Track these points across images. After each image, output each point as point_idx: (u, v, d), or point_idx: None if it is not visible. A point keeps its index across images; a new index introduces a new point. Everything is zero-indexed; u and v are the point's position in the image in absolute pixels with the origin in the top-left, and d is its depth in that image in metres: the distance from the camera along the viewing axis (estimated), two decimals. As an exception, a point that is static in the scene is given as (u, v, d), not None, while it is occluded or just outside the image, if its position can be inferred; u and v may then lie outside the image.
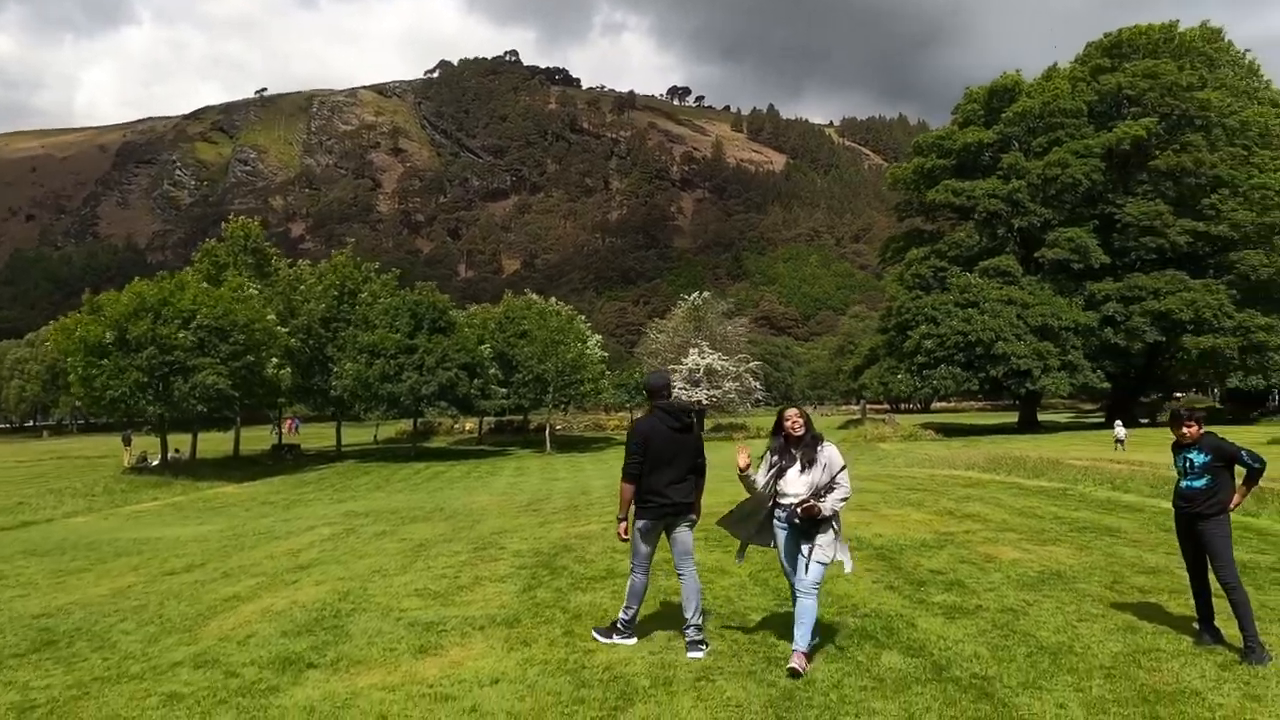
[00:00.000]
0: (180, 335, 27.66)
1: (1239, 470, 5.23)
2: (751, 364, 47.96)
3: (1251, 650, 4.93)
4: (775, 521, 5.57)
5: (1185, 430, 5.33)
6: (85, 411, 46.66)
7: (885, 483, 16.53)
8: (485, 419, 49.31)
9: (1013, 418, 57.56)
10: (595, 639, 5.98)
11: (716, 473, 8.35)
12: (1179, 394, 61.99)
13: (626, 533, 5.83)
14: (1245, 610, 4.98)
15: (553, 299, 44.85)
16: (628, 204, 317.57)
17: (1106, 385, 42.17)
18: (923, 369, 43.55)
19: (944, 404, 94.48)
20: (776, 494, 5.51)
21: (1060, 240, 43.10)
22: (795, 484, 5.41)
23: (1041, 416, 49.95)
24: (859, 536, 10.05)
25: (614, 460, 34.94)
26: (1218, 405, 54.50)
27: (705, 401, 44.99)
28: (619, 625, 6.00)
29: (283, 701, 5.02)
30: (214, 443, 43.61)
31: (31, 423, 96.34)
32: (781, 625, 6.05)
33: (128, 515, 20.57)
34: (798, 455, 5.46)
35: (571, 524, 13.04)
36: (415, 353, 34.90)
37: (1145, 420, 48.92)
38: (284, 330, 33.84)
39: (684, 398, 45.37)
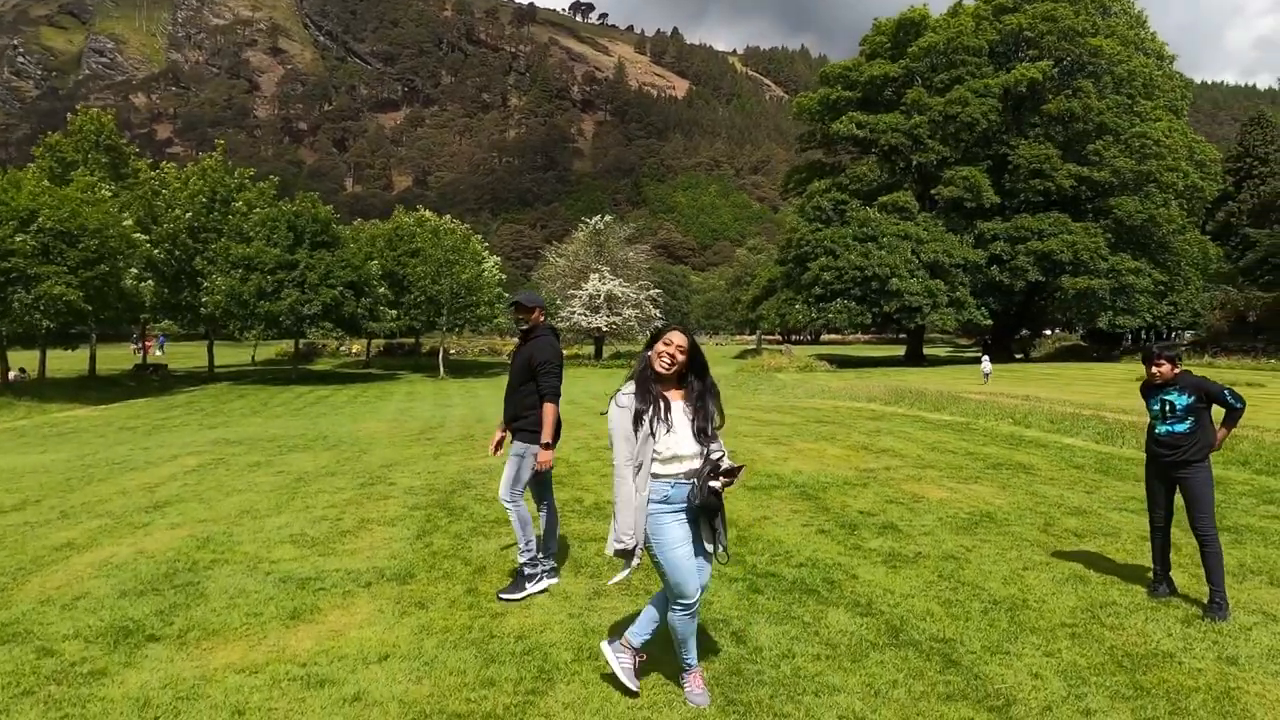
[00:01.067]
0: (18, 240, 24.40)
1: (1216, 411, 4.83)
2: (652, 291, 47.36)
3: (1217, 606, 4.62)
4: (660, 513, 3.69)
5: (1155, 370, 4.86)
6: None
7: (792, 415, 16.29)
8: (373, 341, 47.01)
9: (898, 350, 59.70)
10: (503, 600, 5.20)
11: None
12: (1047, 331, 65.77)
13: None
14: (1218, 563, 4.66)
15: (447, 217, 42.54)
16: (526, 123, 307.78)
17: (989, 322, 43.94)
18: (820, 301, 44.12)
19: (833, 335, 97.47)
20: (654, 466, 3.67)
21: (956, 178, 43.97)
22: (686, 443, 3.69)
23: (924, 350, 51.89)
24: (778, 473, 9.60)
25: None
26: (1081, 343, 58.08)
27: (605, 329, 44.27)
28: (524, 571, 5.37)
29: (108, 691, 3.99)
30: (68, 361, 39.78)
31: None
32: (718, 582, 5.41)
33: (-45, 442, 18.16)
34: (686, 405, 3.76)
35: (469, 456, 12.12)
36: (296, 269, 32.37)
37: (1020, 355, 51.67)
38: (144, 239, 30.54)
39: (583, 324, 44.53)
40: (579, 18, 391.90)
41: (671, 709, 3.73)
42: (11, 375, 31.90)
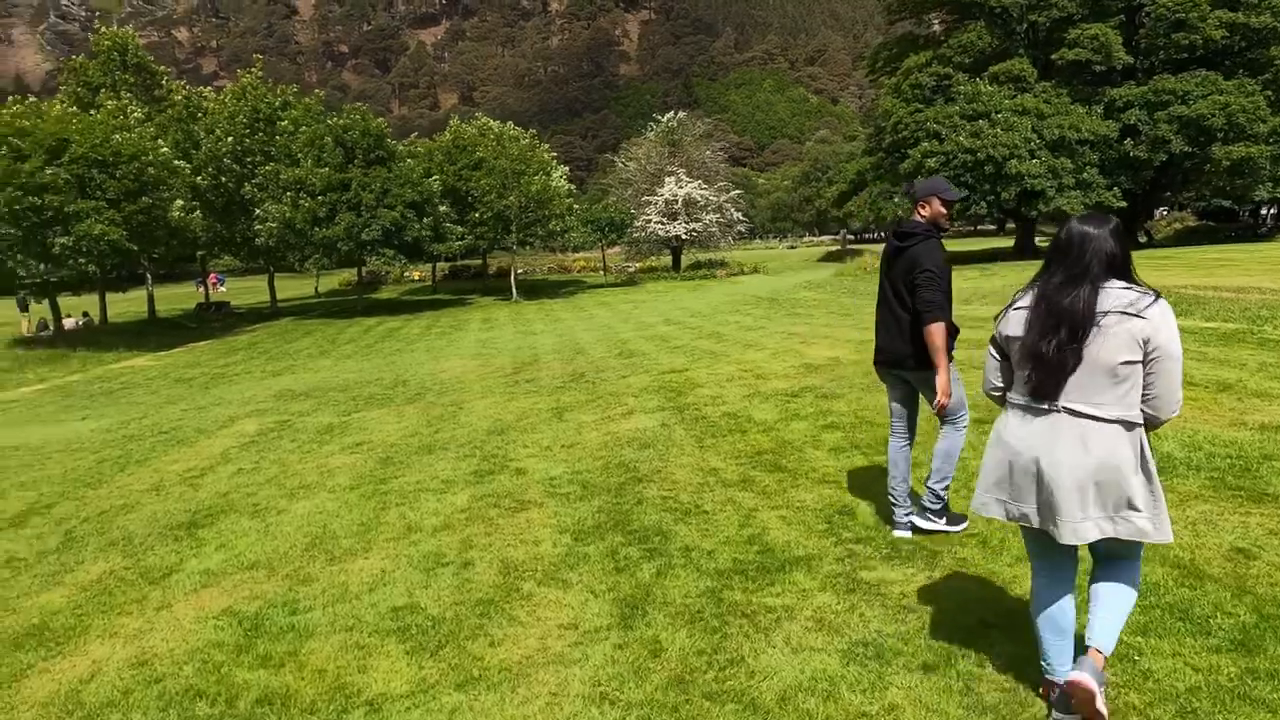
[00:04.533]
0: (48, 173, 21.87)
1: None
2: (733, 192, 43.13)
3: None
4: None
5: None
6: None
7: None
8: (439, 265, 44.30)
9: (997, 242, 54.61)
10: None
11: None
12: (1160, 210, 59.56)
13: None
14: None
15: (509, 124, 38.80)
16: (569, 29, 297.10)
17: (1122, 204, 38.67)
18: (923, 192, 39.34)
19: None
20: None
21: (1081, 39, 37.98)
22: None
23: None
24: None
25: (593, 307, 30.83)
26: (1204, 223, 52.03)
27: (684, 236, 40.53)
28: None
29: None
30: (135, 304, 38.19)
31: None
32: None
33: (-6, 407, 16.04)
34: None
35: (604, 412, 9.07)
36: (349, 189, 29.38)
37: (1143, 240, 46.21)
38: (185, 166, 27.85)
39: (660, 233, 40.90)
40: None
41: None
42: (72, 322, 30.22)
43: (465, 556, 4.78)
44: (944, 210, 4.36)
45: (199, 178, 29.29)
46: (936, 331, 4.11)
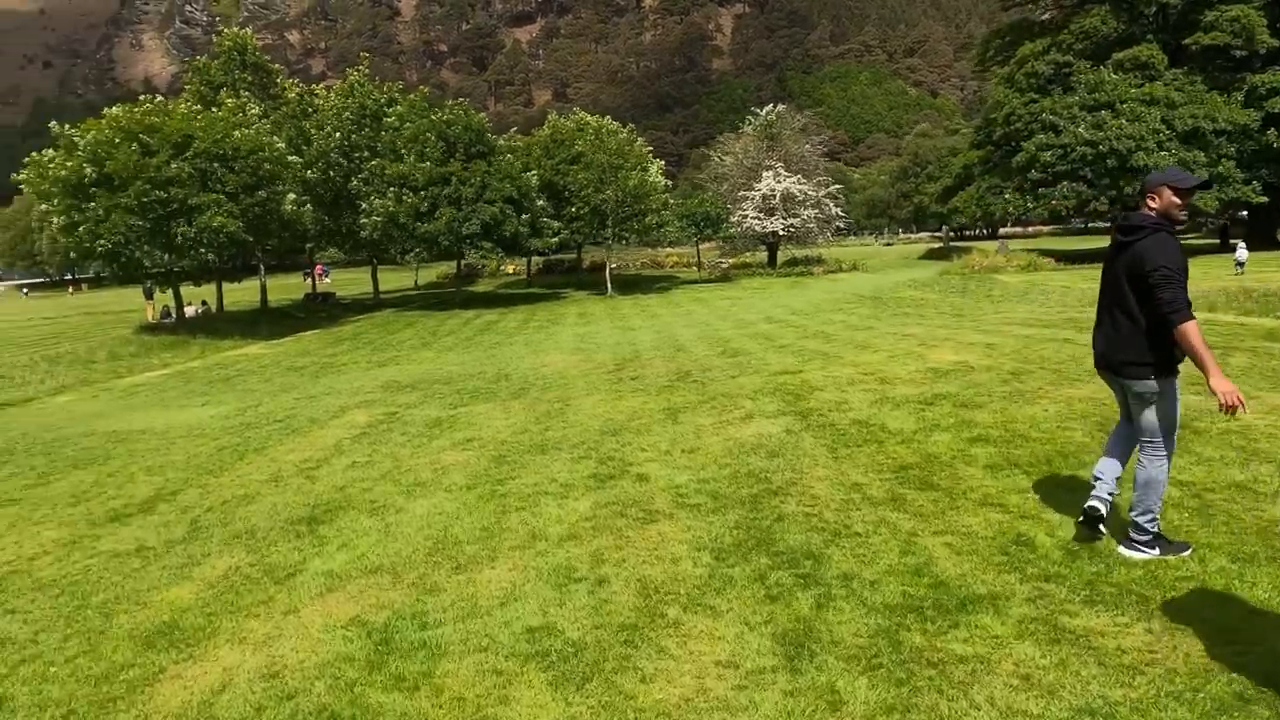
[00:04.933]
0: (174, 167, 22.92)
1: None
2: (832, 187, 41.87)
3: None
4: None
5: None
6: (78, 265, 42.55)
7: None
8: (533, 259, 44.70)
9: (1095, 242, 51.57)
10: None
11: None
12: None
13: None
14: None
15: (607, 118, 38.75)
16: (662, 24, 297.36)
17: (1262, 199, 35.71)
18: (1037, 187, 37.41)
19: (1011, 230, 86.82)
20: None
21: (1220, 21, 35.27)
22: None
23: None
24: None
25: (689, 304, 30.40)
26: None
27: (781, 232, 39.60)
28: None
29: None
30: (247, 294, 39.98)
31: (70, 275, 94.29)
32: None
33: (123, 391, 16.79)
34: None
35: (716, 410, 8.65)
36: (449, 183, 29.81)
37: (1283, 240, 42.61)
38: (298, 161, 28.83)
39: (757, 228, 40.12)
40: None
41: None
42: (192, 310, 31.77)
43: (598, 572, 4.44)
44: (1178, 200, 3.77)
45: (310, 172, 30.30)
46: (1189, 332, 3.61)
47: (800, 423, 7.83)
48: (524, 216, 31.39)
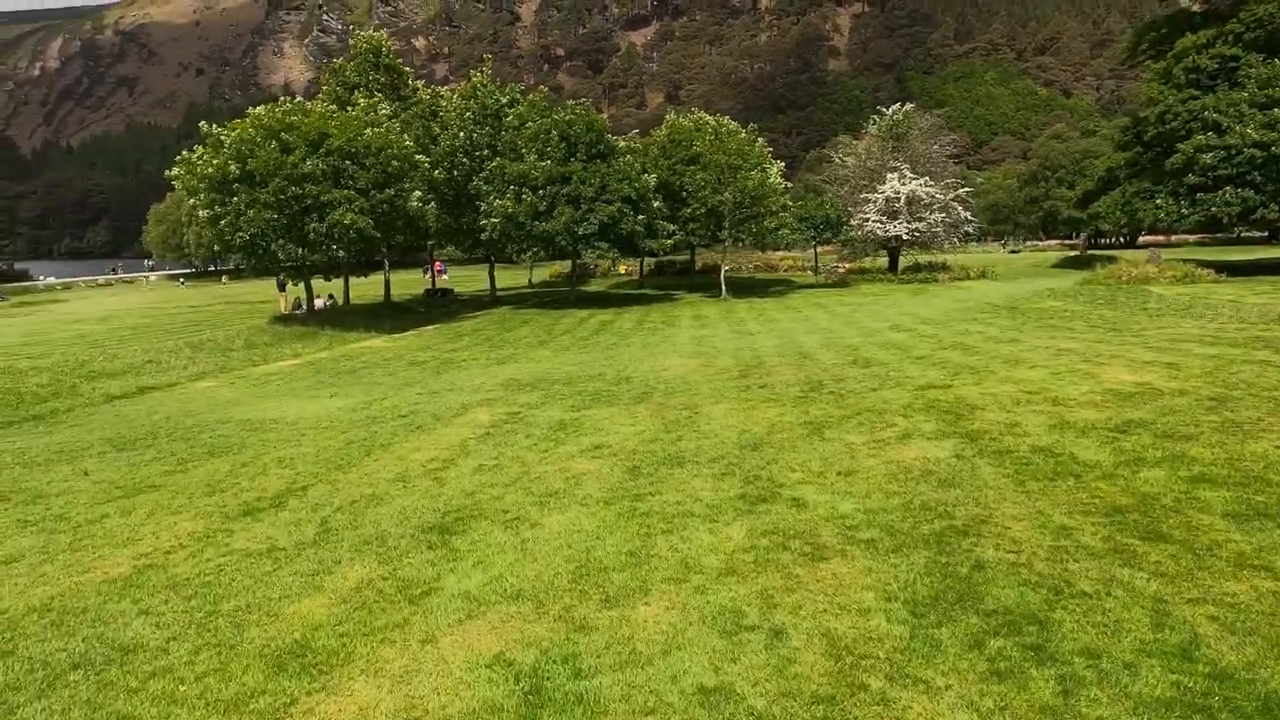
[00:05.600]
0: (309, 164, 23.76)
1: None
2: (961, 190, 39.67)
3: None
4: None
5: None
6: (219, 256, 45.01)
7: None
8: (646, 259, 44.44)
9: (1251, 252, 47.01)
10: None
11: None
12: None
13: None
14: None
15: (725, 117, 38.03)
16: (777, 25, 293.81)
17: None
18: (1194, 192, 34.20)
19: (1150, 237, 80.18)
20: None
21: None
22: None
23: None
24: None
25: (808, 309, 29.34)
26: None
27: (905, 236, 37.80)
28: None
29: None
30: (370, 288, 41.43)
31: (213, 267, 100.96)
32: None
33: (257, 379, 17.35)
34: None
35: (865, 427, 7.87)
36: (569, 183, 29.80)
37: None
38: (425, 160, 29.49)
39: (879, 232, 38.45)
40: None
41: None
42: (321, 303, 33.03)
43: (772, 620, 3.82)
44: None
45: (436, 171, 30.95)
46: None
47: (969, 446, 6.97)
48: (640, 217, 31.07)
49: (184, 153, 24.92)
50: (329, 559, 5.34)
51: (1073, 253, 52.60)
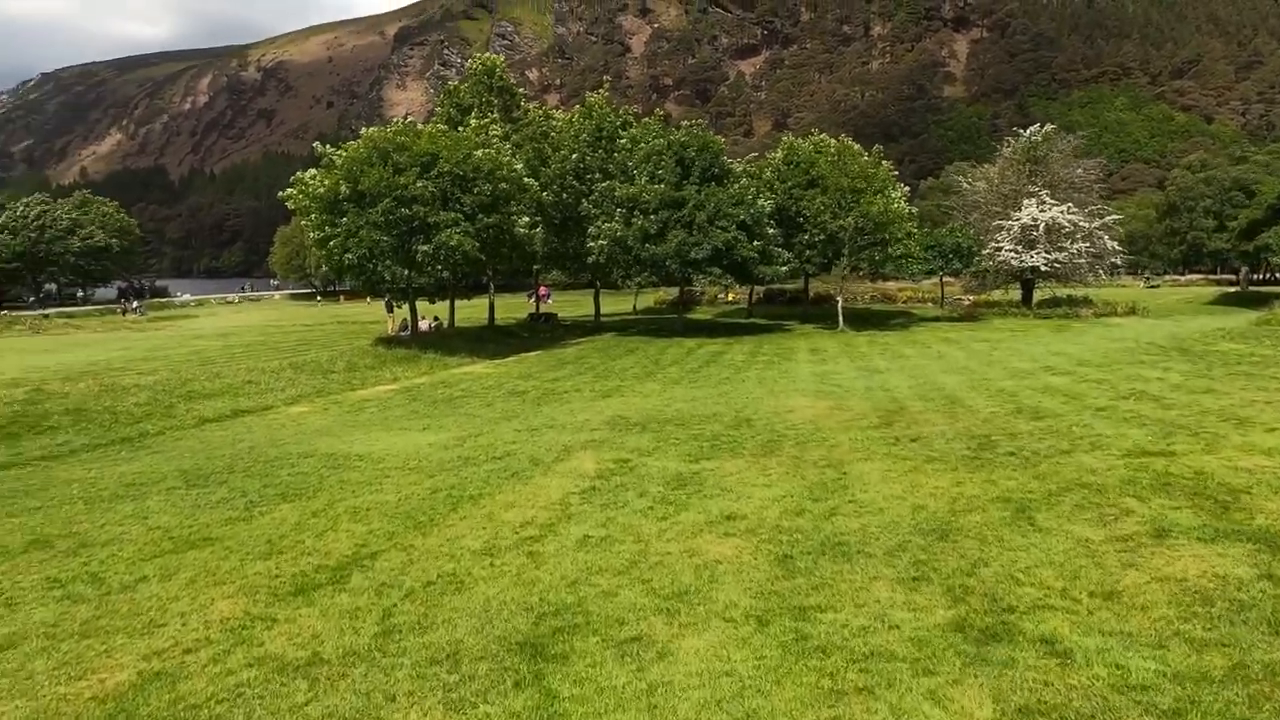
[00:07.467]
0: (418, 185, 23.24)
1: None
2: (1109, 218, 36.05)
3: None
4: None
5: None
6: (330, 278, 45.74)
7: None
8: (756, 287, 42.55)
9: None
10: None
11: None
12: None
13: None
14: None
15: (847, 138, 35.88)
16: (890, 51, 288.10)
17: None
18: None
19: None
20: None
21: None
22: None
23: None
24: None
25: (937, 344, 26.80)
26: None
27: (1042, 268, 34.55)
28: None
29: None
30: (475, 310, 41.22)
31: (332, 287, 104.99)
32: None
33: (351, 405, 16.51)
34: None
35: (1089, 510, 5.88)
36: (683, 207, 28.41)
37: None
38: (534, 183, 28.75)
39: (1013, 263, 35.34)
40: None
41: None
42: (426, 325, 32.72)
43: None
44: None
45: (545, 194, 30.22)
46: None
47: (1274, 558, 4.92)
48: (755, 243, 29.35)
49: (298, 174, 24.91)
50: (380, 691, 3.86)
51: (1231, 289, 47.48)
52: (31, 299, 69.36)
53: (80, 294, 74.70)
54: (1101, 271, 36.62)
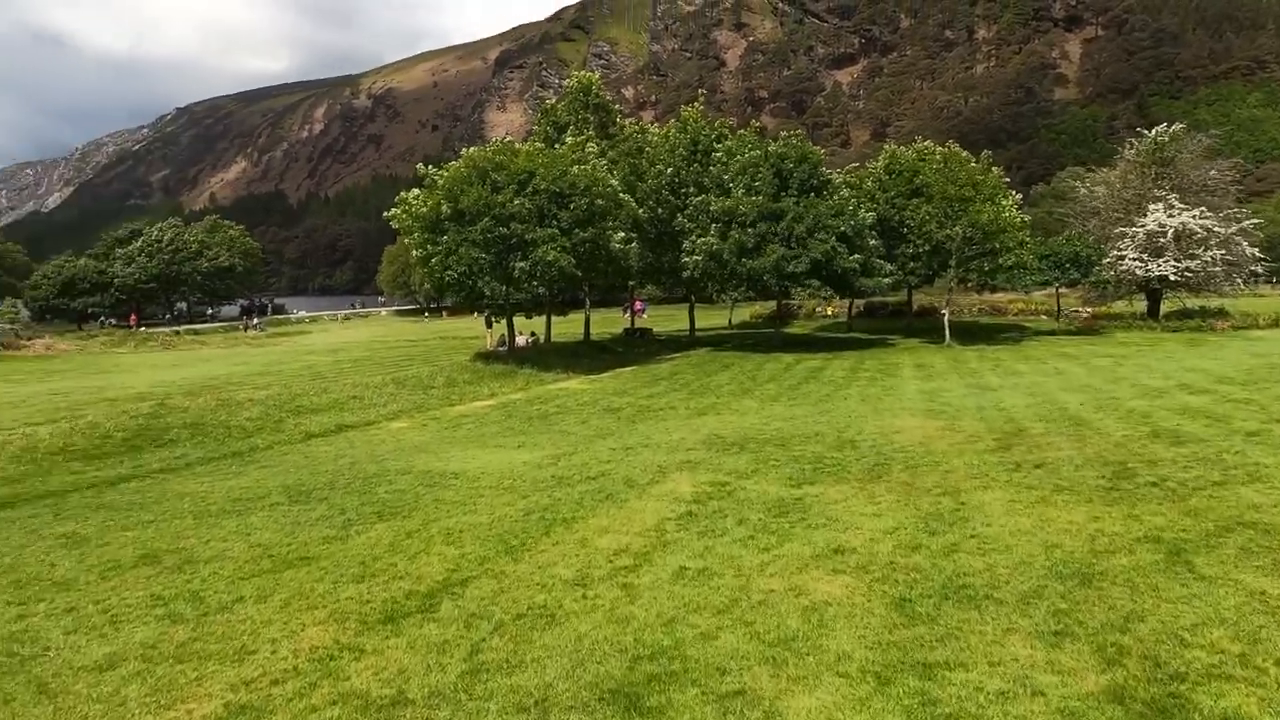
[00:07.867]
0: (516, 203, 23.55)
1: None
2: (1246, 223, 33.19)
3: None
4: None
5: None
6: (433, 294, 46.92)
7: None
8: (856, 300, 41.29)
9: None
10: None
11: None
12: None
13: None
14: None
15: (954, 144, 34.39)
16: (996, 54, 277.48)
17: None
18: None
19: None
20: None
21: None
22: None
23: None
24: None
25: (1053, 359, 25.16)
26: None
27: (1172, 277, 32.09)
28: None
29: None
30: (570, 326, 41.61)
31: (435, 304, 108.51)
32: None
33: (450, 421, 16.70)
34: None
35: (1269, 559, 5.10)
36: (781, 219, 27.79)
37: None
38: (630, 199, 28.75)
39: (1138, 272, 32.99)
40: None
41: None
42: (523, 340, 33.14)
43: None
44: None
45: (640, 209, 30.20)
46: None
47: None
48: (855, 255, 28.42)
49: (402, 193, 25.67)
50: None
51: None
52: (166, 316, 74.59)
53: (209, 311, 79.76)
54: (1239, 280, 33.69)
